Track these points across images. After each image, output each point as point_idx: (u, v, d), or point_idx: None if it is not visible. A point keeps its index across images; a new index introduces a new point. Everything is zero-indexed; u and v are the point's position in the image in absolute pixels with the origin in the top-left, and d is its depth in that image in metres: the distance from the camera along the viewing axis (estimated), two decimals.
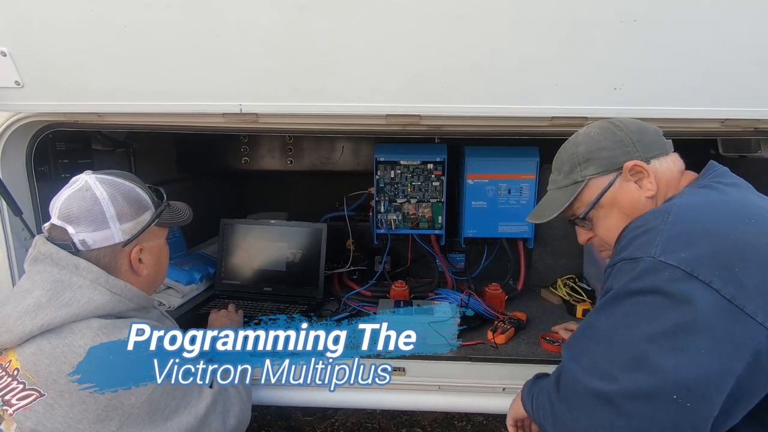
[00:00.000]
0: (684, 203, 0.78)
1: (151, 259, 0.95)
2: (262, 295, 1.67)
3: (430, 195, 1.67)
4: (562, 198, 0.93)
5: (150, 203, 0.95)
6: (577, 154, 0.91)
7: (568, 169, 0.93)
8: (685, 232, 0.71)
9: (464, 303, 1.42)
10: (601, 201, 0.90)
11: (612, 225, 0.90)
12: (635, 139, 0.88)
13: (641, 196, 0.86)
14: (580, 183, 0.91)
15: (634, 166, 0.86)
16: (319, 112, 0.99)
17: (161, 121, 1.10)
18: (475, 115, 1.00)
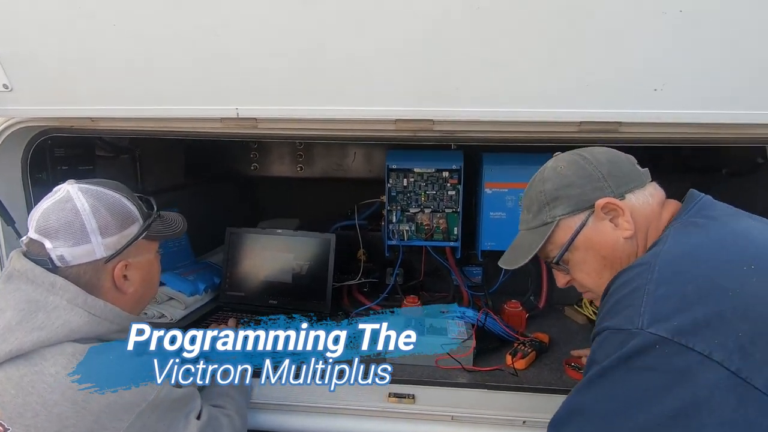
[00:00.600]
0: (669, 253, 0.68)
1: (139, 275, 0.88)
2: (267, 307, 1.59)
3: (445, 205, 1.57)
4: (533, 241, 0.85)
5: (138, 215, 0.88)
6: (544, 192, 0.84)
7: (536, 208, 0.86)
8: (675, 292, 0.62)
9: (481, 323, 1.31)
10: (575, 243, 0.81)
11: (590, 269, 0.83)
12: (606, 172, 0.80)
13: (618, 237, 0.78)
14: (550, 224, 0.83)
15: (607, 203, 0.78)
16: (321, 116, 0.91)
17: (158, 126, 1.04)
18: (494, 120, 0.90)
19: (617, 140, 0.95)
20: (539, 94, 0.86)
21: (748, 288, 0.60)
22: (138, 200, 0.91)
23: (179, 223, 1.01)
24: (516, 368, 1.20)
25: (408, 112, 0.88)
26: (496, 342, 1.34)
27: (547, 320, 1.57)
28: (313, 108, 0.90)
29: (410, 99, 0.87)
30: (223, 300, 1.64)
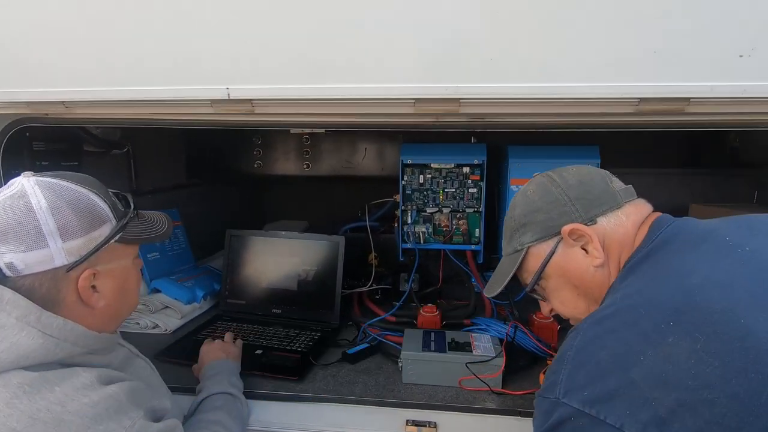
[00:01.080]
0: (595, 314, 0.64)
1: (111, 286, 0.75)
2: (270, 317, 1.45)
3: (465, 204, 1.42)
4: (507, 268, 0.83)
5: (110, 214, 0.74)
6: (514, 218, 0.82)
7: (509, 234, 0.84)
8: (589, 359, 0.59)
9: (510, 337, 1.15)
10: (546, 271, 0.78)
11: (565, 299, 0.80)
12: (574, 195, 0.76)
13: (588, 266, 0.74)
14: (520, 251, 0.80)
15: (573, 230, 0.74)
16: (326, 96, 0.77)
17: (141, 113, 0.91)
18: (534, 98, 0.75)
19: (682, 124, 0.79)
20: (591, 65, 0.70)
21: (662, 349, 0.54)
22: (112, 197, 0.77)
23: (163, 224, 0.87)
24: None
25: (430, 90, 0.73)
26: (527, 359, 1.18)
27: None
28: (316, 86, 0.75)
29: (433, 73, 0.72)
30: (223, 308, 1.50)
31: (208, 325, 1.40)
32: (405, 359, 1.09)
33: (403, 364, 1.10)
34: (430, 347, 1.11)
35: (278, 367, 1.15)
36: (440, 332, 1.20)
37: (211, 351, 1.10)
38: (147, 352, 1.22)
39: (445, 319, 1.38)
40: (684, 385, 0.52)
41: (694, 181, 1.42)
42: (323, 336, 1.33)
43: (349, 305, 1.53)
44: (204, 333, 1.34)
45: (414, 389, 1.07)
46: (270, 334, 1.34)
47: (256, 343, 1.27)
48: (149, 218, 0.86)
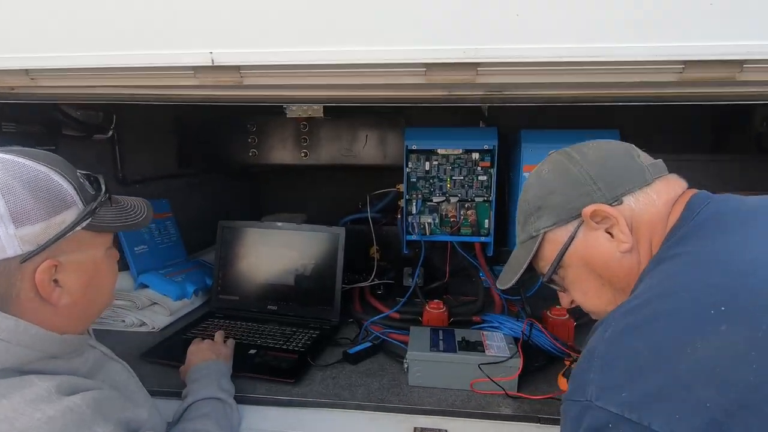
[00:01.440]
0: (628, 302, 0.56)
1: (77, 280, 0.65)
2: (265, 314, 1.36)
3: (474, 192, 1.33)
4: (521, 257, 0.76)
5: (75, 197, 0.64)
6: (527, 201, 0.74)
7: (522, 220, 0.76)
8: (626, 353, 0.50)
9: (525, 335, 1.06)
10: (565, 259, 0.70)
11: (588, 289, 0.71)
12: (595, 173, 0.67)
13: (614, 252, 0.66)
14: (535, 238, 0.72)
15: (595, 211, 0.65)
16: (324, 62, 0.67)
17: (118, 87, 0.81)
18: (566, 62, 0.64)
19: (734, 96, 0.69)
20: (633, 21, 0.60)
21: (714, 340, 0.46)
22: (80, 178, 0.67)
23: (141, 211, 0.77)
24: None
25: (445, 53, 0.63)
26: (542, 359, 1.09)
27: None
28: (313, 50, 0.65)
29: (448, 34, 0.62)
30: (215, 305, 1.41)
31: (198, 323, 1.31)
32: (411, 360, 1.00)
33: (409, 365, 1.00)
34: (438, 347, 1.02)
35: (273, 368, 1.05)
36: (449, 330, 1.11)
37: (200, 351, 1.01)
38: (132, 351, 1.15)
39: (452, 315, 1.29)
40: (745, 381, 0.43)
41: (718, 168, 1.32)
42: (322, 334, 1.23)
43: (350, 301, 1.44)
44: (194, 331, 1.25)
45: (421, 393, 0.98)
46: (265, 332, 1.24)
47: (249, 342, 1.18)
48: (125, 204, 0.76)
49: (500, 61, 0.64)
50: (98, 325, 1.29)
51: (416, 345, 1.03)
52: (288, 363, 1.07)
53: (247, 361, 1.08)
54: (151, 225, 1.56)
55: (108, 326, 1.30)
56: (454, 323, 1.27)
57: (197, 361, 0.97)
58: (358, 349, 1.13)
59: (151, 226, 1.56)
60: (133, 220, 0.75)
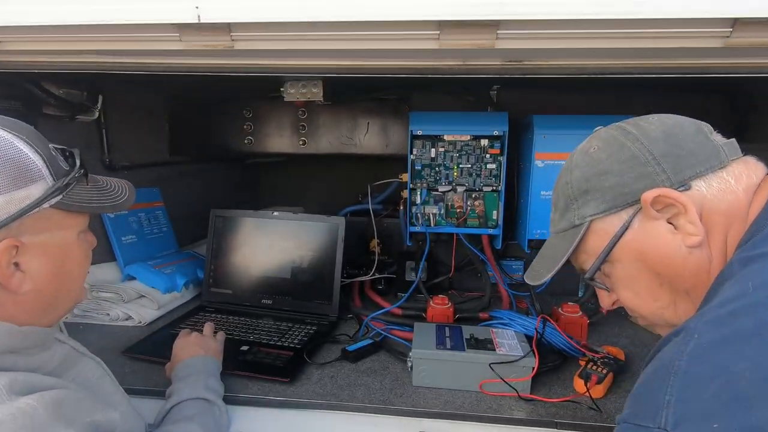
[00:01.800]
0: (716, 309, 0.45)
1: (42, 265, 0.57)
2: (259, 309, 1.28)
3: (483, 181, 1.25)
4: (559, 249, 0.65)
5: (44, 171, 0.57)
6: (571, 184, 0.63)
7: (563, 205, 0.65)
8: (718, 373, 0.40)
9: (539, 334, 0.99)
10: (615, 253, 0.60)
11: (640, 289, 0.61)
12: (659, 152, 0.57)
13: (680, 246, 0.56)
14: (579, 227, 0.62)
15: (658, 197, 0.55)
16: (326, 18, 0.59)
17: (91, 50, 0.73)
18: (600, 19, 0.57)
19: None
20: None
21: None
22: (52, 151, 0.60)
23: (121, 192, 0.70)
24: (593, 397, 0.88)
25: (462, 7, 0.55)
26: (556, 358, 1.02)
27: (609, 328, 1.25)
28: (311, 3, 0.57)
29: None
30: (206, 298, 1.33)
31: (188, 317, 1.23)
32: (416, 358, 0.93)
33: (414, 364, 0.93)
34: (445, 344, 0.95)
35: (266, 366, 0.98)
36: (456, 327, 1.04)
37: (187, 346, 0.93)
38: (116, 347, 1.07)
39: (458, 312, 1.22)
40: None
41: None
42: (320, 330, 1.16)
43: (349, 296, 1.36)
44: (182, 326, 1.17)
45: (427, 394, 0.91)
46: (258, 327, 1.17)
47: (241, 338, 1.10)
48: (104, 183, 0.69)
49: (524, 19, 0.56)
50: (81, 319, 1.22)
51: (421, 342, 0.96)
52: (283, 360, 1.00)
53: (238, 357, 1.00)
54: (140, 214, 1.49)
55: (92, 320, 1.22)
56: (460, 320, 1.20)
57: (184, 357, 0.90)
58: (358, 346, 1.05)
59: (140, 215, 1.48)
60: (111, 201, 0.67)
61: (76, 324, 1.21)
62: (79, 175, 0.62)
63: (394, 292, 1.41)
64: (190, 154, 1.74)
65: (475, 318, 1.20)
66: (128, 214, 1.43)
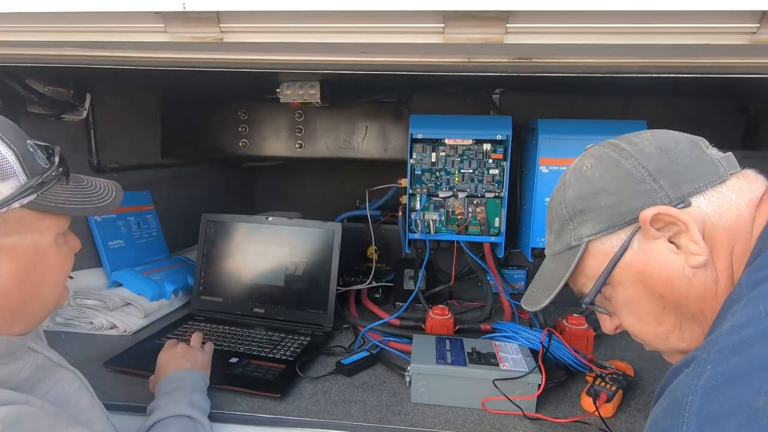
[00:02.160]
0: (731, 335, 0.41)
1: (10, 269, 0.52)
2: (250, 318, 1.22)
3: (485, 187, 1.21)
4: (556, 272, 0.61)
5: (17, 167, 0.52)
6: (565, 204, 0.61)
7: (557, 226, 0.62)
8: (737, 409, 0.36)
9: (545, 347, 0.94)
10: (615, 275, 0.57)
11: (644, 314, 0.58)
12: (654, 168, 0.54)
13: (683, 267, 0.53)
14: (575, 248, 0.59)
15: (657, 215, 0.52)
16: (322, 8, 0.55)
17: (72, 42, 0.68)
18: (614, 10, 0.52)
19: None
20: None
21: None
22: (29, 147, 0.55)
23: (107, 193, 0.65)
24: (603, 416, 0.83)
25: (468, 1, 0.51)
26: (561, 374, 0.97)
27: (616, 341, 1.20)
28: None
29: None
30: (196, 306, 1.28)
31: (176, 326, 1.18)
32: (414, 373, 0.88)
33: (413, 379, 0.88)
34: (445, 359, 0.90)
35: (256, 380, 0.92)
36: (457, 340, 0.99)
37: (172, 359, 0.87)
38: (98, 357, 1.01)
39: (458, 323, 1.17)
40: None
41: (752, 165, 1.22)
42: (313, 342, 1.10)
43: (345, 305, 1.31)
44: (170, 336, 1.11)
45: (426, 411, 0.86)
46: (249, 338, 1.11)
47: (231, 349, 1.05)
48: (88, 183, 0.64)
49: (537, 10, 0.52)
50: (63, 327, 1.16)
51: (420, 356, 0.90)
52: (274, 374, 0.94)
53: (226, 371, 0.95)
54: (130, 218, 1.43)
55: (74, 328, 1.16)
56: (461, 331, 1.15)
57: (169, 370, 0.84)
58: (353, 359, 1.00)
59: (129, 219, 1.43)
60: (94, 203, 0.62)
61: (57, 333, 1.15)
62: (57, 173, 0.57)
63: (392, 302, 1.36)
64: (184, 157, 1.70)
65: (476, 330, 1.15)
66: (116, 217, 1.38)
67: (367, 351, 1.04)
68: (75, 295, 1.18)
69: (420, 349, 0.94)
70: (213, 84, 1.22)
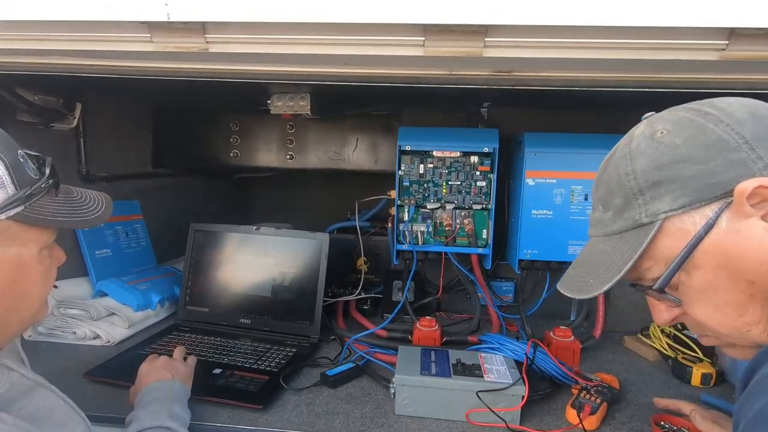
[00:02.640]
0: None
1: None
2: (237, 329, 1.21)
3: (472, 199, 1.22)
4: (618, 254, 0.53)
5: (5, 179, 0.52)
6: (634, 175, 0.52)
7: (620, 201, 0.53)
8: None
9: (530, 360, 0.93)
10: (694, 257, 0.49)
11: (722, 302, 0.50)
12: (751, 135, 0.46)
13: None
14: (647, 226, 0.50)
15: (758, 189, 0.45)
16: (305, 20, 0.56)
17: (59, 50, 0.69)
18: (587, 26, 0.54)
19: None
20: None
21: None
22: (19, 157, 0.55)
23: (97, 206, 0.65)
24: (586, 429, 0.82)
25: (447, 11, 0.53)
26: (546, 386, 0.96)
27: (604, 354, 1.20)
28: (293, 5, 0.54)
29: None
30: (182, 317, 1.26)
31: (160, 337, 1.16)
32: (399, 385, 0.87)
33: (397, 390, 0.87)
34: (430, 370, 0.89)
35: (238, 391, 0.91)
36: (442, 351, 0.98)
37: (153, 370, 0.86)
38: (79, 368, 0.99)
39: (445, 335, 1.16)
40: None
41: None
42: (299, 353, 1.09)
43: (333, 316, 1.30)
44: (154, 346, 1.10)
45: (410, 424, 0.85)
46: (234, 349, 1.10)
47: (215, 360, 1.04)
48: (78, 195, 0.64)
49: (514, 25, 0.54)
50: (45, 337, 1.14)
51: (405, 367, 0.90)
52: (257, 385, 0.93)
53: (209, 382, 0.94)
54: (118, 227, 1.43)
55: (57, 338, 1.15)
56: (448, 343, 1.14)
57: (149, 381, 0.83)
58: (338, 370, 0.99)
59: (117, 228, 1.42)
60: (83, 216, 0.62)
61: (39, 343, 1.13)
62: (46, 185, 0.57)
63: (380, 313, 1.36)
64: (175, 167, 1.70)
65: (463, 341, 1.14)
66: (104, 226, 1.37)
67: (353, 362, 1.03)
68: (59, 304, 1.17)
69: (405, 361, 0.93)
70: (204, 94, 1.23)
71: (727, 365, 1.05)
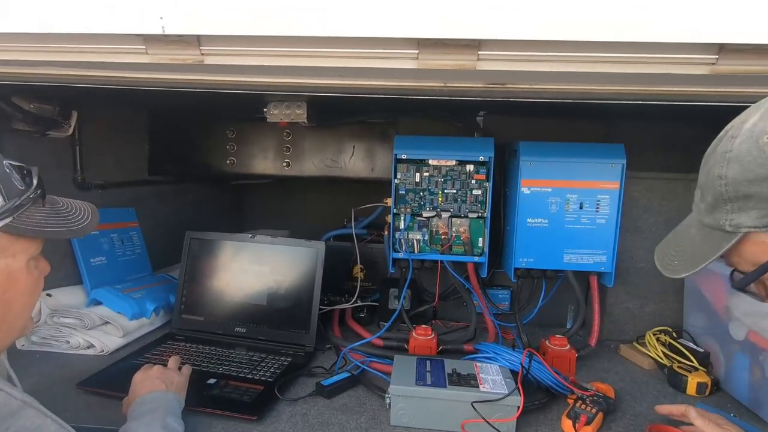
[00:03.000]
0: None
1: None
2: (232, 338, 1.21)
3: (468, 207, 1.22)
4: (702, 246, 0.55)
5: None
6: (726, 181, 0.51)
7: (711, 200, 0.54)
8: None
9: (525, 370, 0.93)
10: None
11: None
12: None
13: None
14: (729, 234, 0.52)
15: None
16: (299, 34, 0.56)
17: (57, 61, 0.69)
18: (581, 41, 0.55)
19: None
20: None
21: None
22: (6, 168, 0.55)
23: (83, 216, 0.65)
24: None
25: (440, 26, 0.53)
26: (543, 396, 0.96)
27: (600, 362, 1.20)
28: (285, 20, 0.55)
29: (446, 6, 0.52)
30: (177, 326, 1.26)
31: (155, 346, 1.16)
32: (394, 395, 0.87)
33: (392, 401, 0.87)
34: (425, 380, 0.89)
35: (233, 402, 0.90)
36: (438, 361, 0.98)
37: (147, 380, 0.86)
38: (72, 378, 0.99)
39: (441, 343, 1.16)
40: None
41: None
42: (295, 362, 1.09)
43: (328, 325, 1.30)
44: (148, 356, 1.09)
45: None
46: (229, 358, 1.10)
47: (210, 370, 1.03)
48: (64, 206, 0.64)
49: (506, 39, 0.54)
50: (39, 347, 1.13)
51: (400, 377, 0.90)
52: (251, 396, 0.93)
53: (203, 392, 0.93)
54: (113, 235, 1.42)
55: (50, 348, 1.14)
56: (444, 352, 1.14)
57: (143, 392, 0.82)
58: (334, 380, 0.99)
59: (112, 235, 1.42)
60: (70, 226, 0.62)
61: (32, 352, 1.12)
62: (34, 195, 0.57)
63: (376, 322, 1.35)
64: (171, 174, 1.70)
65: (459, 350, 1.14)
66: (99, 234, 1.37)
67: (348, 372, 1.03)
68: (52, 313, 1.16)
69: (400, 371, 0.93)
70: (201, 102, 1.23)
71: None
